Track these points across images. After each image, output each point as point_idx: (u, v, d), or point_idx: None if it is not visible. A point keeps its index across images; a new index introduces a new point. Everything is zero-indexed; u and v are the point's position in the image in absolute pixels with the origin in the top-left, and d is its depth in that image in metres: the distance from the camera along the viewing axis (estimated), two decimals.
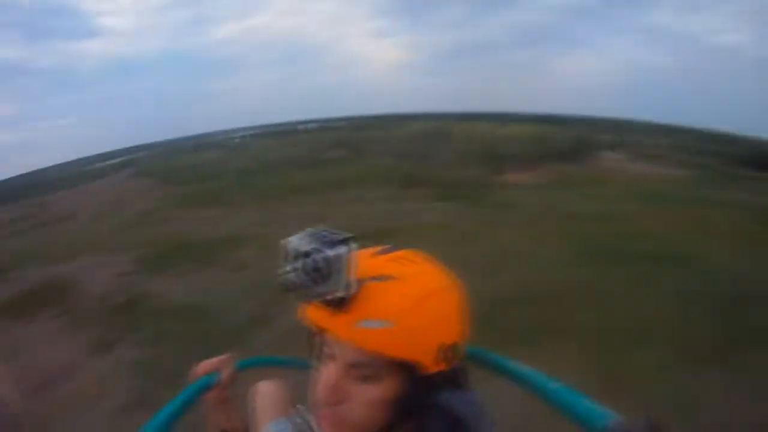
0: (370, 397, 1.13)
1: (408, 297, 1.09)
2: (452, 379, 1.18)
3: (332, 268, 1.01)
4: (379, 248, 1.26)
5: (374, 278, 1.12)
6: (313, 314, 1.18)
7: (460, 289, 1.19)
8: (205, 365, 1.68)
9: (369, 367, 1.11)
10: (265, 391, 2.29)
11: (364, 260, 1.15)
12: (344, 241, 1.03)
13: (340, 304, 1.07)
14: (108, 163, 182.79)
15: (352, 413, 1.14)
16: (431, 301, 1.11)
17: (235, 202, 63.10)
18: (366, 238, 1.14)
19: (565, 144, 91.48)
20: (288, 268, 1.08)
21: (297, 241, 1.08)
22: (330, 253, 1.01)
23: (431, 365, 1.10)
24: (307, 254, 1.03)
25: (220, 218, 53.81)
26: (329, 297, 1.05)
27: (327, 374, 1.18)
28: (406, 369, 1.10)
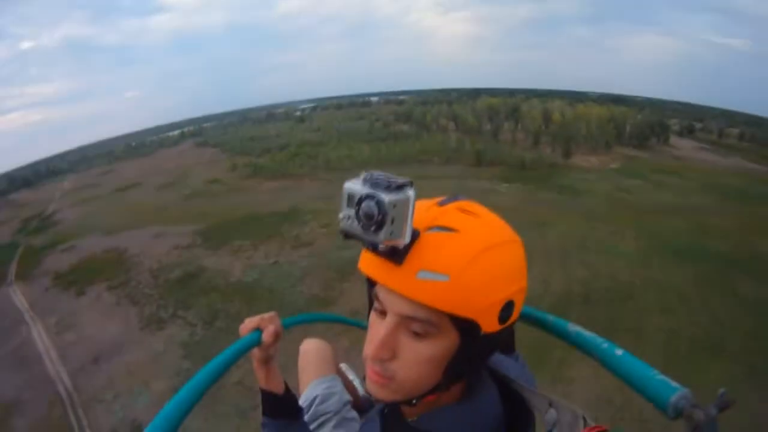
0: (421, 354, 0.99)
1: (468, 251, 0.92)
2: (503, 339, 1.05)
3: (387, 216, 0.84)
4: (439, 198, 1.05)
5: (433, 228, 0.95)
6: (368, 264, 0.99)
7: (519, 244, 1.02)
8: (249, 322, 1.38)
9: (423, 322, 0.96)
10: (309, 349, 2.27)
11: (424, 209, 0.99)
12: (403, 187, 0.86)
13: (395, 255, 0.92)
14: (175, 133, 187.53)
15: (401, 372, 1.01)
16: (491, 256, 0.94)
17: (300, 174, 62.40)
18: None
19: (635, 127, 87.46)
20: (344, 214, 0.90)
21: (353, 186, 0.89)
22: (386, 198, 0.84)
23: (488, 324, 0.96)
24: (361, 199, 0.86)
25: (284, 191, 53.06)
26: (384, 247, 0.90)
27: (378, 329, 1.02)
28: (461, 327, 0.96)
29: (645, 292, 23.63)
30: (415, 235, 0.89)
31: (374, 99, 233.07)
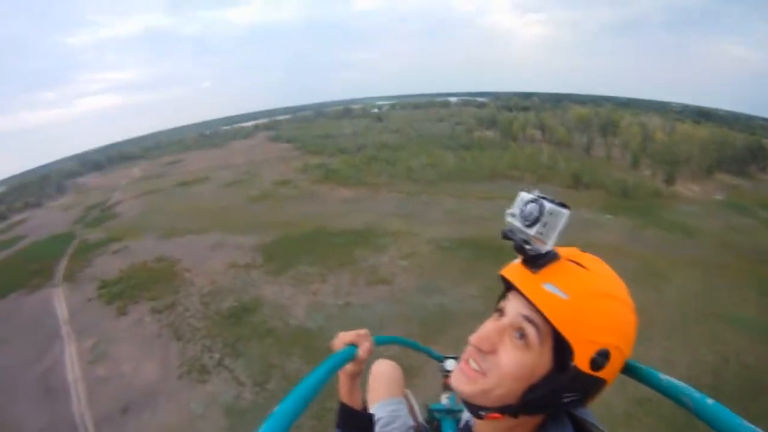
0: (516, 359, 1.15)
1: (592, 286, 1.13)
2: (587, 390, 1.16)
3: (545, 218, 1.14)
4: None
5: (571, 261, 1.18)
6: (510, 270, 1.24)
7: (631, 309, 1.17)
8: (344, 337, 1.57)
9: (532, 326, 1.14)
10: (381, 370, 2.46)
11: (569, 249, 1.23)
12: (563, 205, 1.14)
13: (535, 262, 1.16)
14: (248, 124, 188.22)
15: (494, 370, 1.17)
16: (606, 302, 1.13)
17: (377, 182, 57.80)
18: None
19: (735, 151, 77.61)
20: (511, 211, 1.22)
21: (527, 193, 1.22)
22: (547, 205, 1.14)
23: (580, 358, 1.10)
24: (528, 201, 1.18)
25: (359, 202, 48.53)
26: (531, 249, 1.15)
27: (488, 323, 1.23)
28: (559, 349, 1.11)
29: None
30: (556, 256, 1.14)
31: (452, 99, 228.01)
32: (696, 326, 22.83)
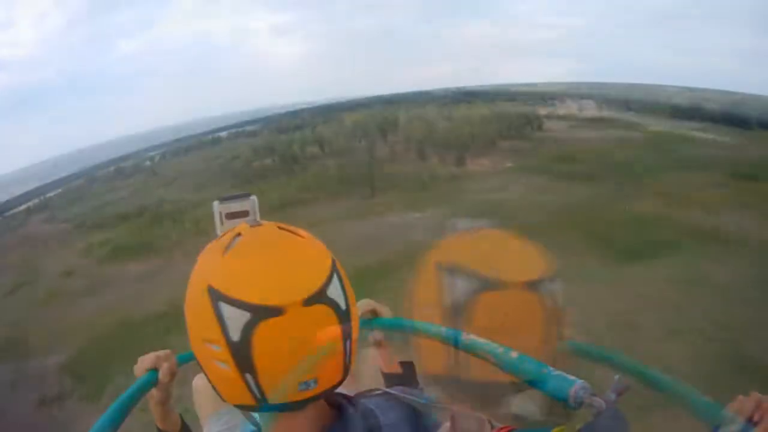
0: None
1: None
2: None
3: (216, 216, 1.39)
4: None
5: None
6: None
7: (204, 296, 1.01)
8: (143, 362, 1.43)
9: None
10: (203, 383, 2.03)
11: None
12: (228, 198, 1.33)
13: None
14: (20, 209, 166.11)
15: None
16: (190, 291, 1.10)
17: (168, 246, 54.24)
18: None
19: (510, 119, 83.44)
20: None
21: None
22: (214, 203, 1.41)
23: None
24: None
25: (154, 276, 44.54)
26: None
27: None
28: None
29: (647, 322, 22.22)
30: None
31: (223, 134, 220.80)
32: (574, 294, 24.28)
